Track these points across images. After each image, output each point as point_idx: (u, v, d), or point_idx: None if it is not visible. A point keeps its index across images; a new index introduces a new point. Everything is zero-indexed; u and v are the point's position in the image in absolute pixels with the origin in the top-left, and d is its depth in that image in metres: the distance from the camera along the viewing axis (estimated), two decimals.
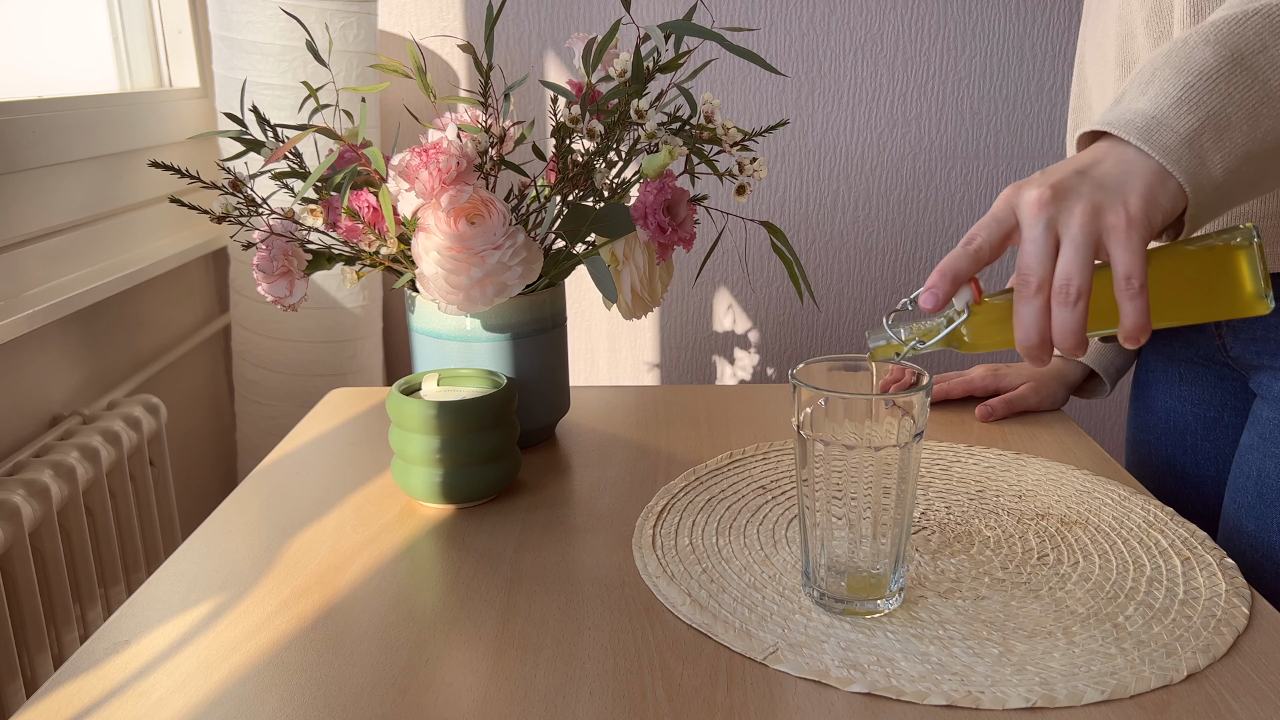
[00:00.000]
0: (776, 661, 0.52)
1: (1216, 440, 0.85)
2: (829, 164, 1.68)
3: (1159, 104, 0.54)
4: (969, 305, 0.56)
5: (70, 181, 1.21)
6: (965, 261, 0.55)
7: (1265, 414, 0.75)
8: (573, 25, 1.62)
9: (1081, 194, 0.53)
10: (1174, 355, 0.87)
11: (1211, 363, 0.84)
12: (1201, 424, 0.86)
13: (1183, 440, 0.87)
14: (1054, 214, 0.53)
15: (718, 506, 0.70)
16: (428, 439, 0.69)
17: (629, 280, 0.79)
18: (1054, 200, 0.53)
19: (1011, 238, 0.55)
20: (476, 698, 0.50)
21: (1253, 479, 0.75)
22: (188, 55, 1.54)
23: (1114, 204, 0.52)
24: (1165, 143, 0.53)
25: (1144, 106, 0.55)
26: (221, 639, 0.56)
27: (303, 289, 0.75)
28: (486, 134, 0.71)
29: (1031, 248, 0.53)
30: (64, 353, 1.19)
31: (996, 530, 0.67)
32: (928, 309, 0.56)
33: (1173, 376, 0.88)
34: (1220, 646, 0.53)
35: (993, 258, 0.55)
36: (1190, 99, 0.54)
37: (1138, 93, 0.56)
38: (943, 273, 0.55)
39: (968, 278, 0.56)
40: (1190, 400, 0.86)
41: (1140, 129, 0.54)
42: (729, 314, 1.76)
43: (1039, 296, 0.53)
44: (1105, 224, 0.52)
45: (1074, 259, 0.52)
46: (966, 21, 1.61)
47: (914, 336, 0.58)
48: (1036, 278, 0.53)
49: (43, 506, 1.00)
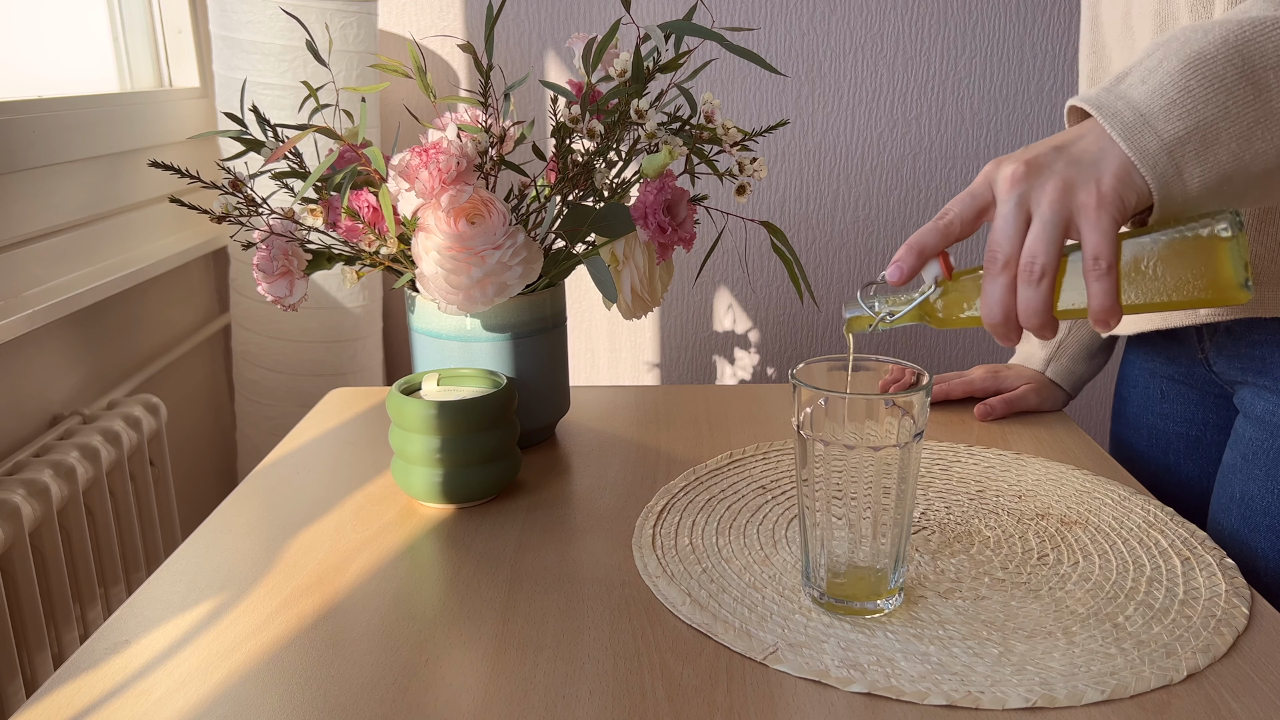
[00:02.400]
0: (776, 661, 0.52)
1: (1199, 459, 0.83)
2: (829, 164, 1.68)
3: (1152, 101, 0.52)
4: (937, 280, 0.56)
5: (70, 181, 1.21)
6: (933, 236, 0.54)
7: (1248, 433, 0.73)
8: (573, 25, 1.62)
9: (1055, 170, 0.52)
10: (1156, 371, 0.85)
11: (1194, 380, 0.82)
12: (1184, 442, 0.84)
13: (1165, 459, 0.86)
14: (1026, 190, 0.52)
15: (718, 506, 0.70)
16: (428, 439, 0.69)
17: (629, 280, 0.79)
18: (1027, 176, 0.52)
19: (986, 213, 0.54)
20: (476, 698, 0.50)
21: (1236, 501, 0.73)
22: (188, 55, 1.54)
23: (1086, 182, 0.51)
24: (1145, 145, 0.51)
25: (1138, 98, 0.53)
26: (221, 639, 0.56)
27: (303, 289, 0.75)
28: (486, 134, 0.71)
29: (1001, 224, 0.52)
30: (64, 353, 1.19)
31: (996, 530, 0.67)
32: (892, 282, 0.55)
33: (1154, 393, 0.86)
34: (1220, 646, 0.53)
35: (964, 233, 0.54)
36: (1185, 104, 0.51)
37: (1139, 79, 0.54)
38: (909, 246, 0.55)
39: (935, 252, 0.55)
40: (1173, 419, 0.84)
41: (1126, 124, 0.52)
42: (729, 314, 1.76)
43: (1005, 274, 0.52)
44: (1076, 202, 0.51)
45: (1041, 236, 0.51)
46: (966, 21, 1.61)
47: (886, 309, 0.57)
48: (1004, 254, 0.52)
49: (43, 506, 1.00)
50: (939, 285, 0.56)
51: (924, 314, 0.57)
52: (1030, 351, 0.91)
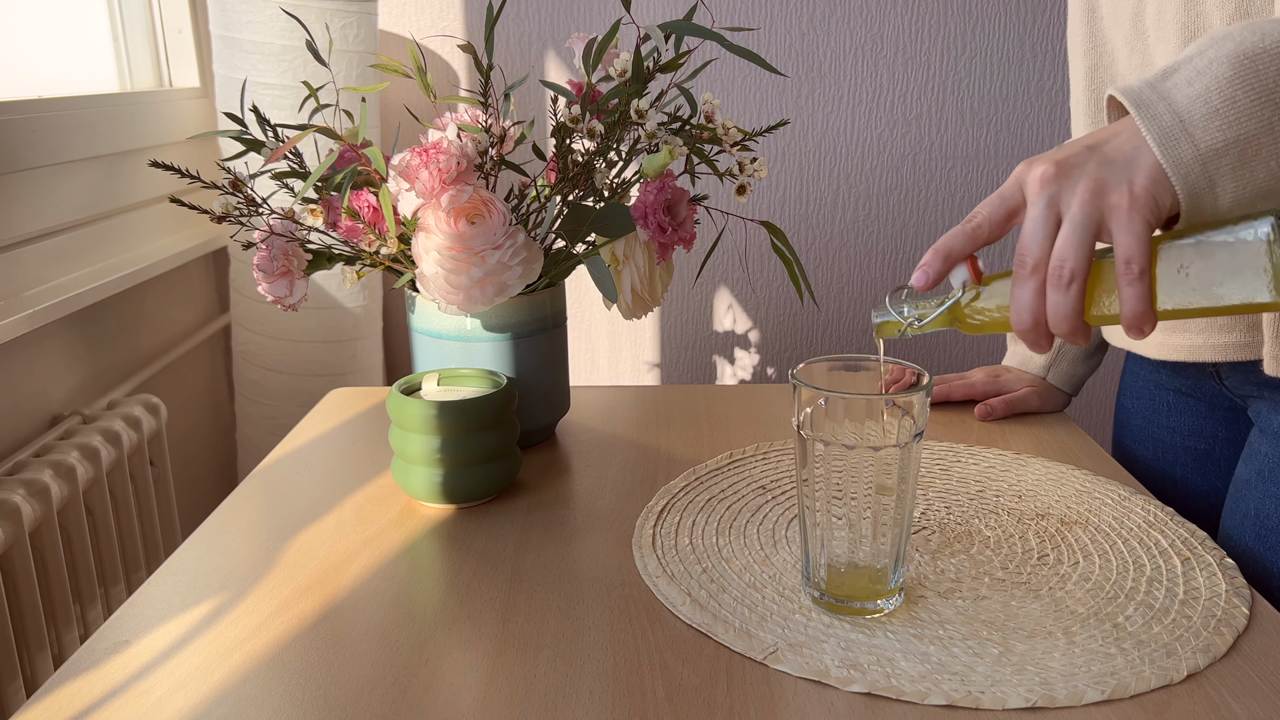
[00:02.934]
0: (776, 661, 0.52)
1: (1207, 474, 0.81)
2: (829, 164, 1.68)
3: (1194, 108, 0.49)
4: (965, 285, 0.54)
5: (70, 181, 1.21)
6: (960, 240, 0.53)
7: (1264, 449, 0.71)
8: (573, 25, 1.62)
9: (1086, 171, 0.50)
10: (1162, 384, 0.83)
11: (1202, 393, 0.80)
12: (1192, 456, 0.82)
13: (1172, 472, 0.84)
14: (1056, 191, 0.50)
15: (718, 506, 0.70)
16: (428, 439, 0.69)
17: (629, 280, 0.79)
18: (1058, 177, 0.50)
19: (1016, 216, 0.52)
20: (476, 697, 0.50)
21: (1250, 519, 0.71)
22: (188, 55, 1.54)
23: (1118, 183, 0.49)
24: (1180, 154, 0.48)
25: (1181, 102, 0.49)
26: (221, 639, 0.56)
27: (303, 289, 0.75)
28: (486, 134, 0.71)
29: (1030, 226, 0.51)
30: (64, 352, 1.19)
31: (996, 530, 0.67)
32: (919, 287, 0.54)
33: (1160, 406, 0.84)
34: (1220, 646, 0.53)
35: (993, 237, 0.53)
36: (1229, 114, 0.48)
37: (1186, 79, 0.50)
38: (937, 250, 0.53)
39: (963, 256, 0.53)
40: (1180, 432, 0.82)
41: (1164, 129, 0.49)
42: (729, 314, 1.76)
43: (1035, 278, 0.50)
44: (1108, 204, 0.49)
45: (1071, 239, 0.49)
46: (966, 21, 1.61)
47: (914, 314, 0.56)
48: (1033, 258, 0.50)
49: (43, 506, 1.00)
50: (967, 290, 0.55)
51: (953, 319, 0.56)
52: (1028, 356, 0.90)
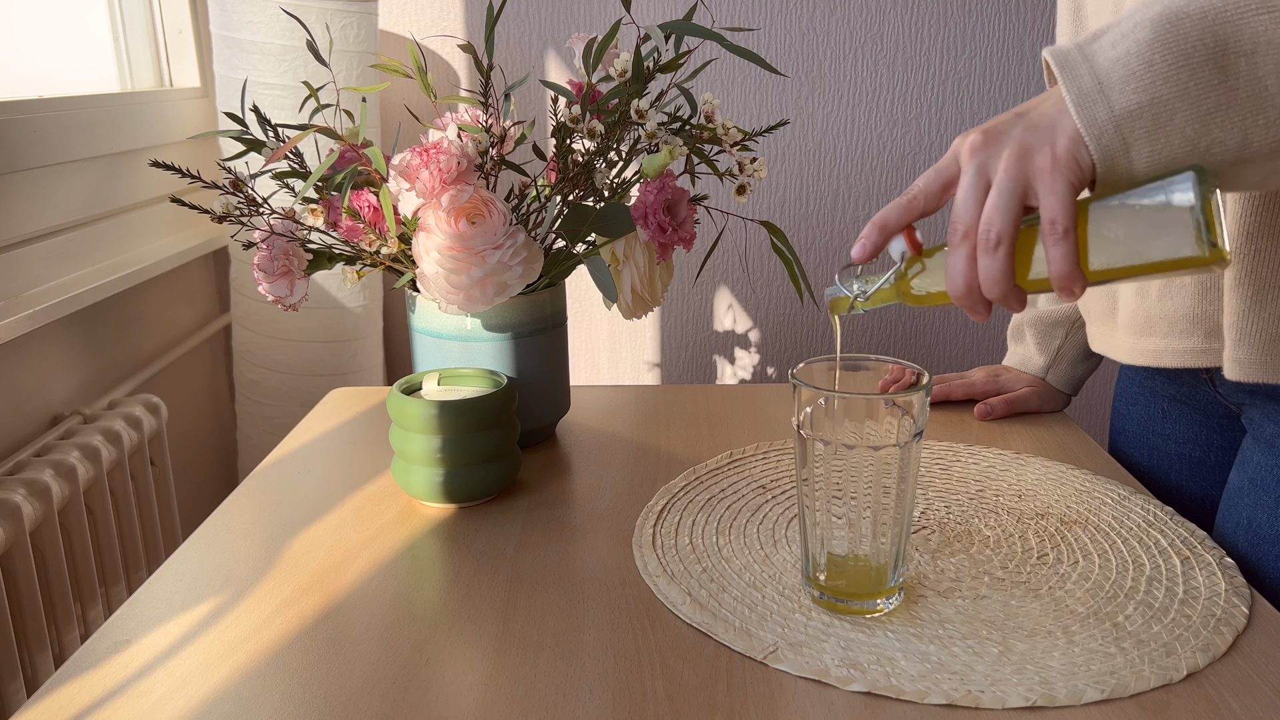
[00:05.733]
0: (776, 661, 0.52)
1: (1202, 480, 0.81)
2: (829, 164, 1.68)
3: (1113, 70, 0.49)
4: (903, 256, 0.55)
5: (70, 181, 1.21)
6: (896, 212, 0.54)
7: (1256, 457, 0.70)
8: (573, 25, 1.62)
9: (1012, 136, 0.50)
10: (1156, 390, 0.83)
11: (1196, 400, 0.79)
12: (1187, 464, 0.81)
13: (1168, 479, 0.83)
14: (984, 159, 0.51)
15: (718, 506, 0.70)
16: (428, 438, 0.69)
17: (629, 280, 0.79)
18: (985, 145, 0.51)
19: (952, 187, 0.53)
20: (476, 697, 0.50)
21: (1243, 526, 0.70)
22: (188, 55, 1.54)
23: (1041, 146, 0.49)
24: (1095, 116, 0.49)
25: (1103, 63, 0.50)
26: (222, 638, 0.56)
27: (303, 289, 0.75)
28: (487, 134, 0.71)
29: (961, 194, 0.51)
30: (64, 352, 1.19)
31: (996, 530, 0.67)
32: (856, 259, 0.54)
33: (1155, 413, 0.83)
34: (1220, 646, 0.53)
35: (929, 207, 0.53)
36: (1145, 77, 0.48)
37: (1112, 41, 0.50)
38: (874, 223, 0.54)
39: (899, 228, 0.54)
40: (1175, 439, 0.82)
41: (1082, 91, 0.50)
42: (729, 314, 1.76)
43: (966, 244, 0.51)
44: (1032, 166, 0.49)
45: (996, 203, 0.50)
46: (966, 21, 1.61)
47: (860, 289, 0.57)
48: (964, 224, 0.51)
49: (43, 506, 1.00)
50: (910, 263, 0.55)
51: (899, 293, 0.57)
52: (1028, 356, 0.90)
